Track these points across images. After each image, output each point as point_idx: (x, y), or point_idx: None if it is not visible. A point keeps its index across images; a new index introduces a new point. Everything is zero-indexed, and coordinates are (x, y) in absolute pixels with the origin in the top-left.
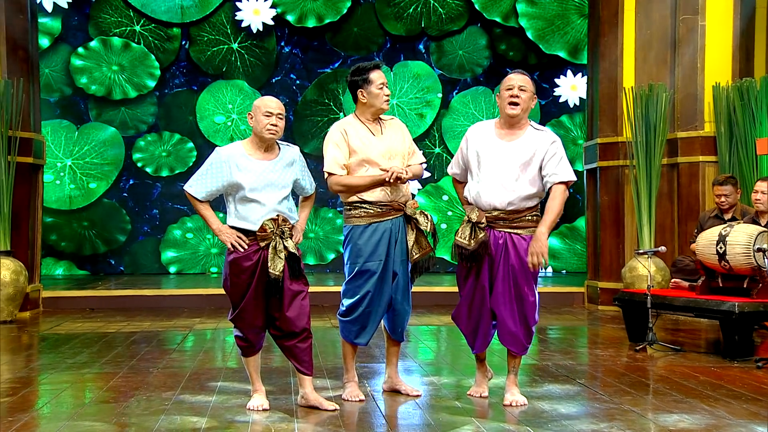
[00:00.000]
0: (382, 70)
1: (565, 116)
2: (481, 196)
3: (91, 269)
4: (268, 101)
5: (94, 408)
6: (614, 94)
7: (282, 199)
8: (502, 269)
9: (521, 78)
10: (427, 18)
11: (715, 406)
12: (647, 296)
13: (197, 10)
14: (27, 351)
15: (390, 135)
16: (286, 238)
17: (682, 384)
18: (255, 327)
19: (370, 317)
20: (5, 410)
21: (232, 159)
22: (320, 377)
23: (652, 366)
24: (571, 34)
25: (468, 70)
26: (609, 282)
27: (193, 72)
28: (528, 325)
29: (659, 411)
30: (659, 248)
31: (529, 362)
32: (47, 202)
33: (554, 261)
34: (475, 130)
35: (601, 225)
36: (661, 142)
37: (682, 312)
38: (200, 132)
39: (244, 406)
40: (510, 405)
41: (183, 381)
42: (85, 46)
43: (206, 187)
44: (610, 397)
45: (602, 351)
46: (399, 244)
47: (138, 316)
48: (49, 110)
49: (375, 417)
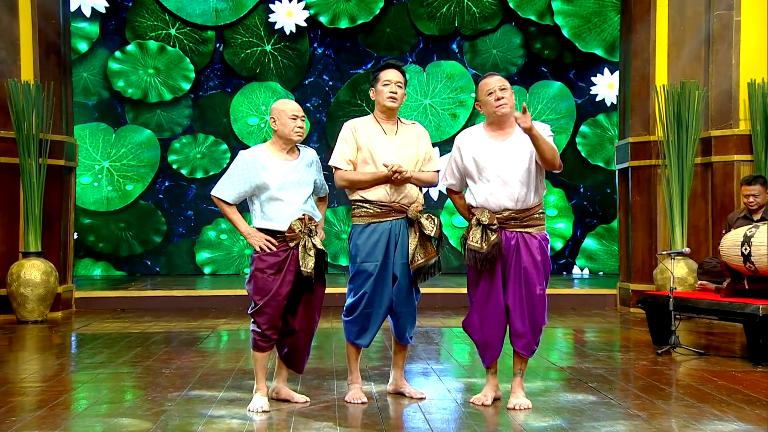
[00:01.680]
0: (396, 69)
1: (602, 115)
2: (491, 199)
3: (127, 270)
4: (291, 104)
5: (94, 409)
6: (646, 93)
7: (306, 198)
8: (513, 269)
9: (496, 79)
10: (460, 17)
11: (725, 411)
12: (670, 299)
13: (231, 13)
14: (48, 351)
15: (403, 138)
16: (314, 236)
17: (697, 388)
18: (274, 323)
19: (370, 319)
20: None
21: (257, 160)
22: (329, 378)
23: (670, 370)
24: (607, 31)
25: (502, 69)
26: (641, 284)
27: (227, 74)
28: (537, 327)
29: (665, 416)
30: (683, 249)
31: (544, 364)
32: (85, 203)
33: (591, 262)
34: (465, 138)
35: (633, 226)
36: (693, 140)
37: (706, 315)
38: (234, 134)
39: (245, 408)
40: (514, 408)
41: (192, 382)
42: (122, 50)
43: (235, 190)
44: (618, 401)
45: (623, 354)
46: (400, 246)
47: (166, 317)
48: (88, 113)
49: (374, 420)
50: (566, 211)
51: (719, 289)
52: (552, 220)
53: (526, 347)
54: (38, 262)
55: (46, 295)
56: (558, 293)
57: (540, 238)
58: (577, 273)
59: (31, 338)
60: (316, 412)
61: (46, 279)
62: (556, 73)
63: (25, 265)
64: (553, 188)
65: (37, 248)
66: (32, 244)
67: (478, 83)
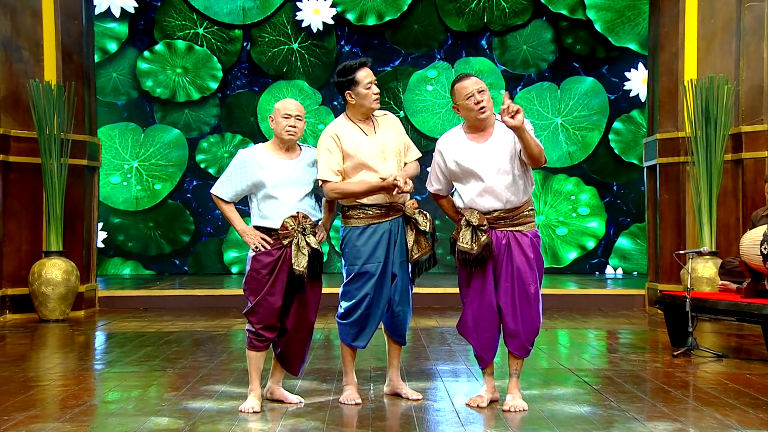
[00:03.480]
0: (369, 67)
1: (636, 111)
2: (478, 200)
3: (156, 269)
4: (287, 104)
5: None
6: (674, 88)
7: (303, 197)
8: (505, 269)
9: (473, 81)
10: (489, 13)
11: (728, 414)
12: (686, 299)
13: (258, 11)
14: (62, 349)
15: (383, 133)
16: (309, 235)
17: (705, 391)
18: (268, 323)
19: (369, 320)
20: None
21: (254, 159)
22: (329, 379)
23: (683, 373)
24: (642, 25)
25: (532, 65)
26: (669, 284)
27: (255, 73)
28: (532, 326)
29: (662, 419)
30: (701, 249)
31: (550, 365)
32: (115, 203)
33: (624, 262)
34: (445, 142)
35: (661, 224)
36: (722, 137)
37: (724, 316)
38: (261, 133)
39: (237, 408)
40: (509, 410)
41: (191, 382)
42: (151, 50)
43: (232, 188)
44: (618, 404)
45: (638, 356)
46: (398, 245)
47: (185, 316)
48: (117, 113)
49: (364, 421)
50: (599, 209)
51: (740, 290)
52: (584, 219)
53: (520, 347)
54: (59, 261)
55: (67, 294)
56: (585, 293)
57: (531, 235)
58: (610, 273)
59: (51, 336)
60: (307, 412)
61: (67, 278)
62: (588, 68)
63: (46, 264)
64: (585, 186)
65: (58, 247)
66: (54, 244)
67: (454, 86)
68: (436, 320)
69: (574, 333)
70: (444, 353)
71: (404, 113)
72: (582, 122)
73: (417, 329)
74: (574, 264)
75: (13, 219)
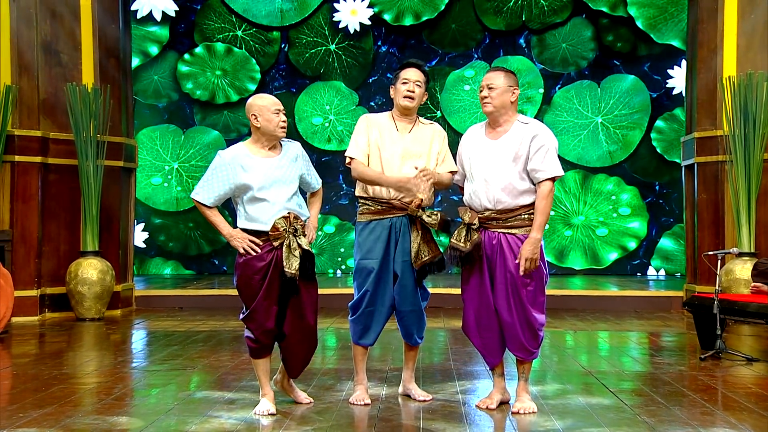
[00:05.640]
0: (417, 68)
1: (679, 109)
2: (473, 197)
3: (195, 269)
4: (270, 99)
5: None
6: (713, 85)
7: (291, 196)
8: (499, 272)
9: (489, 75)
10: (528, 11)
11: (743, 419)
12: (714, 301)
13: (296, 13)
14: (94, 347)
15: (416, 137)
16: (300, 236)
17: (725, 395)
18: (266, 328)
19: (373, 317)
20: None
21: (236, 160)
22: (344, 379)
23: (706, 376)
24: (685, 21)
25: (572, 64)
26: (707, 286)
27: (292, 74)
28: (533, 329)
29: (674, 423)
30: (731, 250)
31: (572, 366)
32: (156, 204)
33: (667, 263)
34: (468, 133)
35: (699, 225)
36: (761, 135)
37: (754, 319)
38: (299, 134)
39: (246, 409)
40: (518, 413)
41: (208, 381)
42: (191, 53)
43: (213, 192)
44: (632, 407)
45: (665, 359)
46: (401, 244)
47: (217, 315)
48: (158, 115)
49: (370, 422)
50: (640, 209)
51: None
52: (625, 219)
53: (521, 349)
54: (95, 261)
55: (102, 293)
56: (622, 295)
57: (524, 238)
58: (653, 274)
59: (87, 335)
60: (315, 413)
61: (103, 278)
62: (629, 66)
63: (82, 263)
64: (626, 186)
65: (94, 247)
66: (90, 244)
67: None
68: (457, 320)
69: (604, 335)
70: (465, 354)
71: (441, 113)
72: (623, 121)
73: (445, 329)
74: (614, 265)
75: (52, 219)
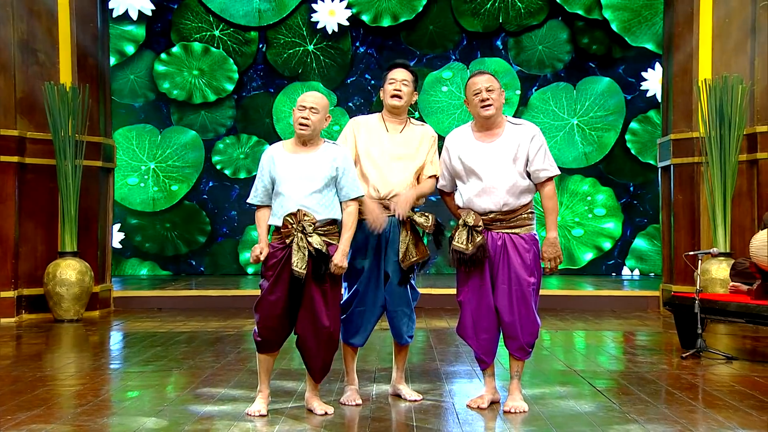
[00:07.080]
0: (404, 68)
1: (653, 111)
2: (475, 200)
3: (173, 270)
4: (305, 95)
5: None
6: (688, 88)
7: (311, 193)
8: (501, 271)
9: (485, 78)
10: (505, 13)
11: (730, 417)
12: (695, 301)
13: (274, 13)
14: (72, 349)
15: (405, 139)
16: (311, 234)
17: (710, 393)
18: (268, 324)
19: (363, 317)
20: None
21: (270, 155)
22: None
23: (689, 374)
24: (659, 24)
25: (548, 66)
26: (683, 285)
27: (270, 75)
28: (530, 329)
29: (662, 421)
30: (711, 250)
31: (556, 366)
32: (132, 204)
33: (641, 263)
34: (453, 138)
35: (675, 225)
36: (737, 137)
37: (734, 318)
38: (277, 134)
39: (236, 409)
40: (510, 411)
41: (195, 382)
42: (168, 52)
43: (256, 190)
44: (620, 406)
45: (646, 358)
46: (391, 244)
47: (198, 316)
48: (134, 115)
49: (364, 422)
50: (615, 210)
51: (750, 291)
52: (600, 220)
53: (520, 349)
54: (73, 262)
55: (81, 294)
56: (599, 295)
57: (528, 238)
58: (627, 274)
59: (65, 336)
60: (306, 413)
61: (81, 278)
62: (604, 68)
63: (60, 264)
64: (601, 187)
65: (73, 248)
66: (68, 244)
67: (467, 81)
68: (446, 321)
69: (584, 334)
70: (450, 354)
71: (419, 114)
72: (598, 123)
73: (427, 330)
74: (590, 265)
75: (29, 220)
